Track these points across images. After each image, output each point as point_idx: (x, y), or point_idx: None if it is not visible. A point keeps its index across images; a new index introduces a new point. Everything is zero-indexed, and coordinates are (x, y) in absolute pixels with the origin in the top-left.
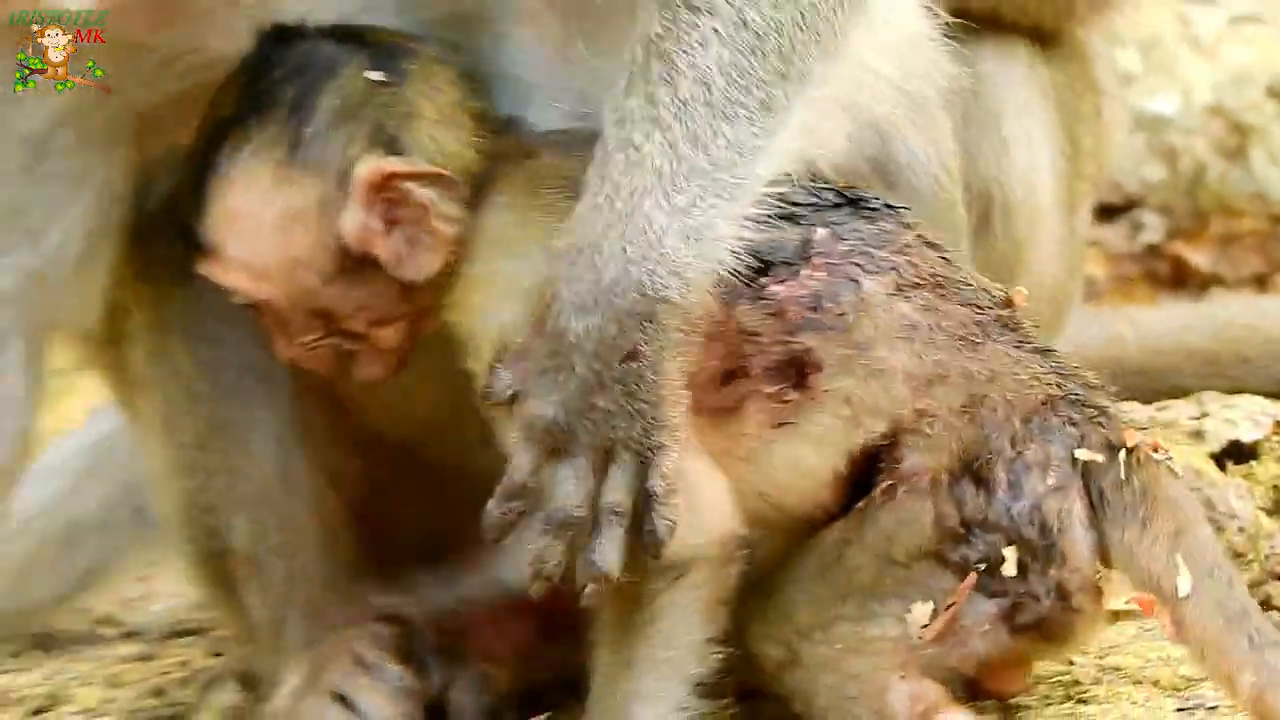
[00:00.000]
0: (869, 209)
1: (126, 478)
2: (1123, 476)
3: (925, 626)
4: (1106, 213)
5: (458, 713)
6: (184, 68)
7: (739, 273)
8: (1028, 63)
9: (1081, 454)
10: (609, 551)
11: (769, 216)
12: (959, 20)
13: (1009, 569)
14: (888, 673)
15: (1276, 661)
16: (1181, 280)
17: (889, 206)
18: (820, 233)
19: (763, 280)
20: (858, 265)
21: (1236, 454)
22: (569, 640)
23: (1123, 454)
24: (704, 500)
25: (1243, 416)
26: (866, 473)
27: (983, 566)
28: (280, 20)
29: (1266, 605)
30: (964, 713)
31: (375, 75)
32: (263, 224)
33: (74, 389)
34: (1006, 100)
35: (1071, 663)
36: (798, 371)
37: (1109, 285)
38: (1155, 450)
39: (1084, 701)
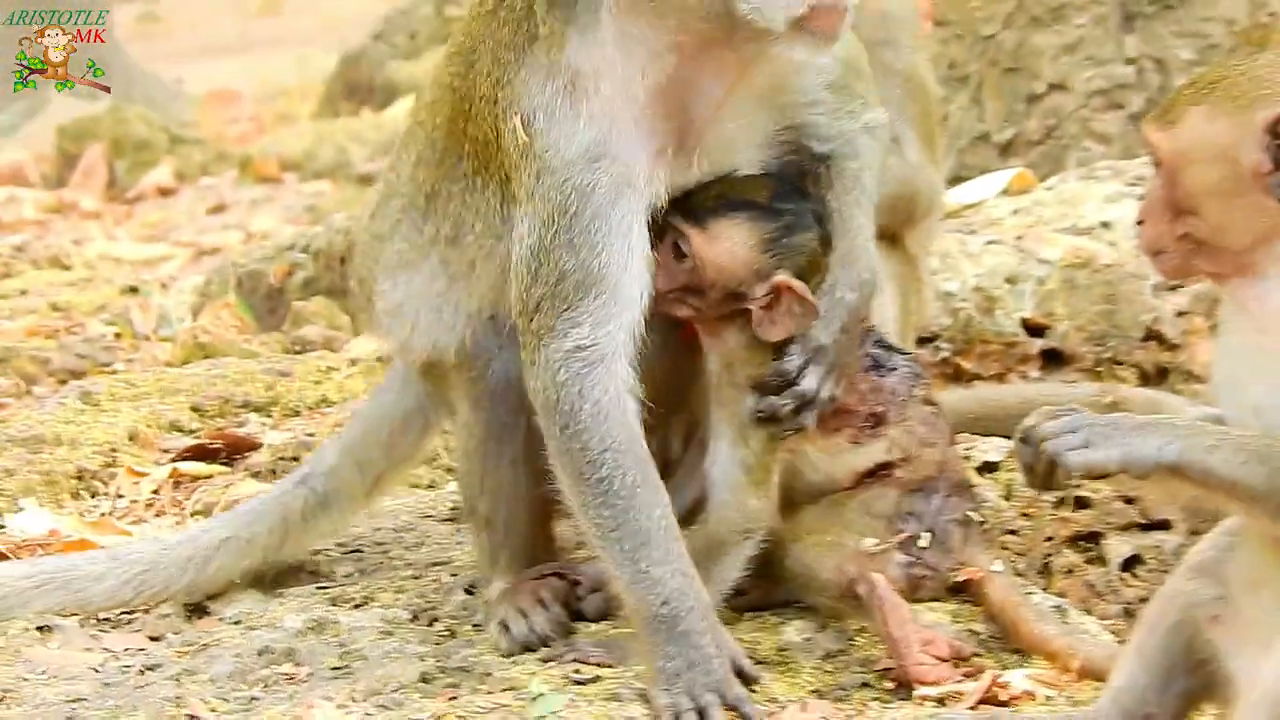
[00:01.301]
0: (916, 360)
1: None
2: (982, 529)
3: (867, 551)
4: (921, 341)
5: (588, 610)
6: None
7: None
8: (886, 258)
9: (972, 514)
10: (812, 419)
11: (885, 347)
12: None
13: (923, 544)
14: (848, 558)
15: (1035, 603)
16: (959, 377)
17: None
18: (900, 360)
19: (874, 373)
20: (912, 381)
21: (989, 468)
22: None
23: (982, 524)
24: (769, 498)
25: (992, 448)
26: (874, 471)
27: (908, 537)
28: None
29: (1002, 548)
30: (883, 579)
31: (815, 239)
32: (718, 252)
33: None
34: (881, 281)
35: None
36: (876, 420)
37: None
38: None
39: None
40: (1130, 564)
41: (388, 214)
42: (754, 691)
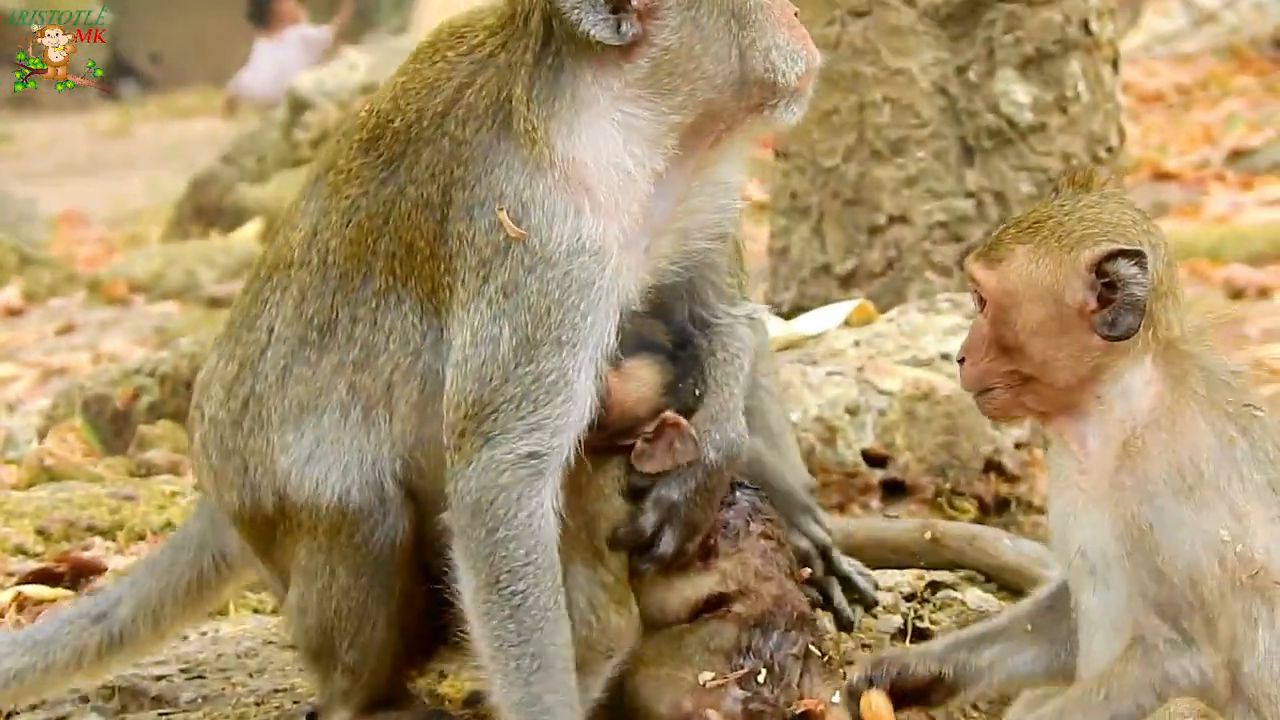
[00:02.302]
0: (762, 494)
1: None
2: (823, 662)
3: (705, 685)
4: None
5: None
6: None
7: None
8: None
9: (811, 648)
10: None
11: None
12: None
13: (760, 680)
14: (685, 693)
15: None
16: None
17: (766, 499)
18: (740, 495)
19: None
20: (751, 515)
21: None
22: None
23: (824, 657)
24: (631, 615)
25: None
26: (712, 605)
27: (746, 673)
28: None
29: (842, 678)
30: (718, 716)
31: (698, 389)
32: (627, 391)
33: None
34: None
35: None
36: (707, 550)
37: None
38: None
39: None
40: None
41: (264, 370)
42: None
